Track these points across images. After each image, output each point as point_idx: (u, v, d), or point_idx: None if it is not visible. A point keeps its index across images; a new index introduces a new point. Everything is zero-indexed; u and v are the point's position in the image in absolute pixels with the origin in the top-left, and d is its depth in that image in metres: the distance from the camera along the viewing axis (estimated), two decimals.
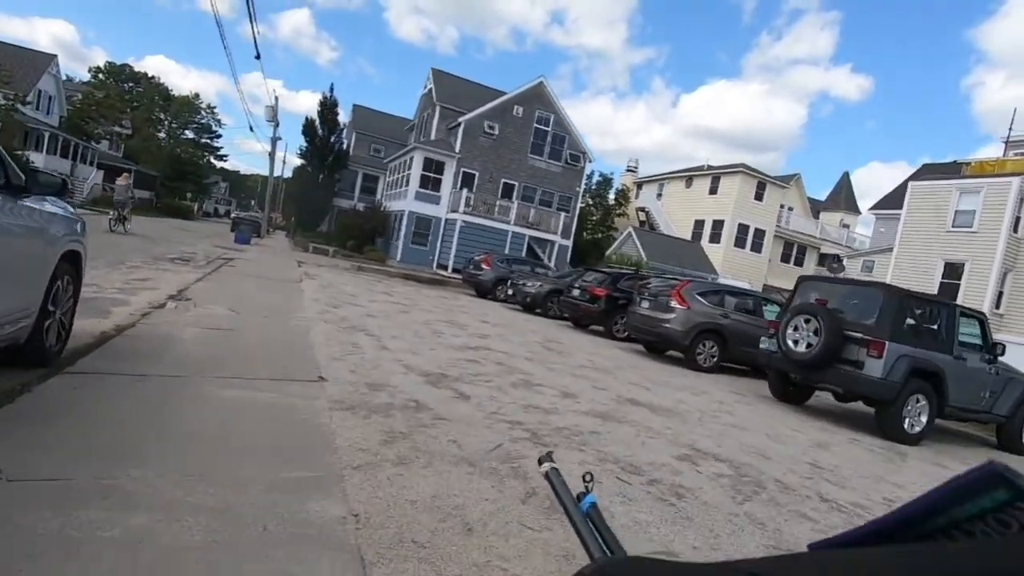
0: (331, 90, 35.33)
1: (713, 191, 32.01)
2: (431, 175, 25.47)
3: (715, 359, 9.78)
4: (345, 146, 33.71)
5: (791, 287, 8.19)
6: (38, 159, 28.42)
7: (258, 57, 15.60)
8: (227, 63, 41.24)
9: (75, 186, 30.04)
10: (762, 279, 31.00)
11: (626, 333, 12.49)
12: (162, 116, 57.19)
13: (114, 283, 7.54)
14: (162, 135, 56.52)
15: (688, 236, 32.41)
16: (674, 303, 9.75)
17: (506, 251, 22.88)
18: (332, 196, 32.16)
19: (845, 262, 22.77)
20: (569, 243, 27.23)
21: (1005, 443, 7.43)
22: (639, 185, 38.48)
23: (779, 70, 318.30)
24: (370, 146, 37.11)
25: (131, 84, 52.98)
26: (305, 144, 31.50)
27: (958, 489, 0.31)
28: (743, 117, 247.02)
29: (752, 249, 31.36)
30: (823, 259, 35.24)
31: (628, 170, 39.62)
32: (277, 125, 32.42)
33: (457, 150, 25.56)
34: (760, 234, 31.48)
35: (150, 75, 56.15)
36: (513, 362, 6.61)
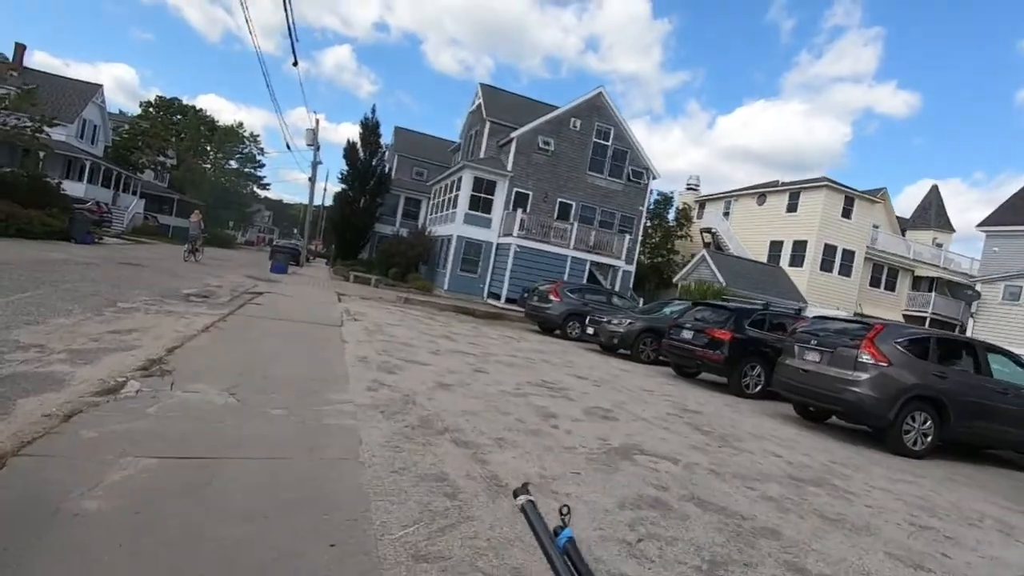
0: (372, 111, 33.94)
1: (792, 208, 28.56)
2: (481, 195, 23.12)
3: (928, 439, 6.70)
4: (387, 169, 31.97)
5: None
6: (78, 188, 27.63)
7: (296, 64, 13.65)
8: (272, 95, 41.13)
9: (115, 215, 29.14)
10: (853, 306, 27.21)
11: (757, 388, 9.51)
12: (208, 147, 57.54)
13: (76, 339, 5.15)
14: (207, 166, 56.74)
15: (764, 259, 28.95)
16: (866, 357, 6.75)
17: (565, 277, 20.19)
18: (373, 222, 30.30)
19: (979, 287, 19.02)
20: (632, 268, 24.30)
21: None
22: (701, 204, 35.27)
23: (820, 88, 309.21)
24: (412, 169, 35.37)
25: (179, 116, 53.56)
26: (346, 168, 29.88)
27: None
28: (783, 137, 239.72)
29: (840, 273, 27.62)
30: (917, 283, 31.08)
31: (688, 188, 36.46)
32: (318, 149, 31.01)
33: (509, 168, 23.19)
34: (849, 256, 27.75)
35: (197, 108, 56.78)
36: (701, 484, 3.79)
